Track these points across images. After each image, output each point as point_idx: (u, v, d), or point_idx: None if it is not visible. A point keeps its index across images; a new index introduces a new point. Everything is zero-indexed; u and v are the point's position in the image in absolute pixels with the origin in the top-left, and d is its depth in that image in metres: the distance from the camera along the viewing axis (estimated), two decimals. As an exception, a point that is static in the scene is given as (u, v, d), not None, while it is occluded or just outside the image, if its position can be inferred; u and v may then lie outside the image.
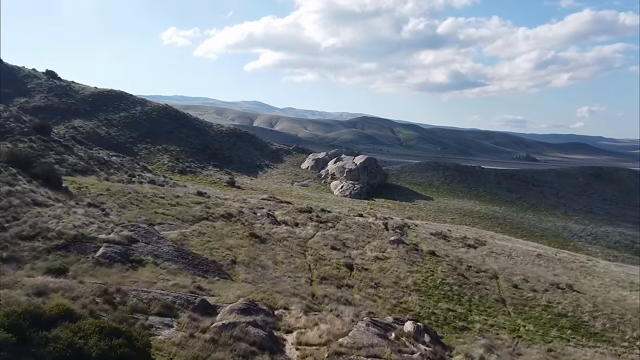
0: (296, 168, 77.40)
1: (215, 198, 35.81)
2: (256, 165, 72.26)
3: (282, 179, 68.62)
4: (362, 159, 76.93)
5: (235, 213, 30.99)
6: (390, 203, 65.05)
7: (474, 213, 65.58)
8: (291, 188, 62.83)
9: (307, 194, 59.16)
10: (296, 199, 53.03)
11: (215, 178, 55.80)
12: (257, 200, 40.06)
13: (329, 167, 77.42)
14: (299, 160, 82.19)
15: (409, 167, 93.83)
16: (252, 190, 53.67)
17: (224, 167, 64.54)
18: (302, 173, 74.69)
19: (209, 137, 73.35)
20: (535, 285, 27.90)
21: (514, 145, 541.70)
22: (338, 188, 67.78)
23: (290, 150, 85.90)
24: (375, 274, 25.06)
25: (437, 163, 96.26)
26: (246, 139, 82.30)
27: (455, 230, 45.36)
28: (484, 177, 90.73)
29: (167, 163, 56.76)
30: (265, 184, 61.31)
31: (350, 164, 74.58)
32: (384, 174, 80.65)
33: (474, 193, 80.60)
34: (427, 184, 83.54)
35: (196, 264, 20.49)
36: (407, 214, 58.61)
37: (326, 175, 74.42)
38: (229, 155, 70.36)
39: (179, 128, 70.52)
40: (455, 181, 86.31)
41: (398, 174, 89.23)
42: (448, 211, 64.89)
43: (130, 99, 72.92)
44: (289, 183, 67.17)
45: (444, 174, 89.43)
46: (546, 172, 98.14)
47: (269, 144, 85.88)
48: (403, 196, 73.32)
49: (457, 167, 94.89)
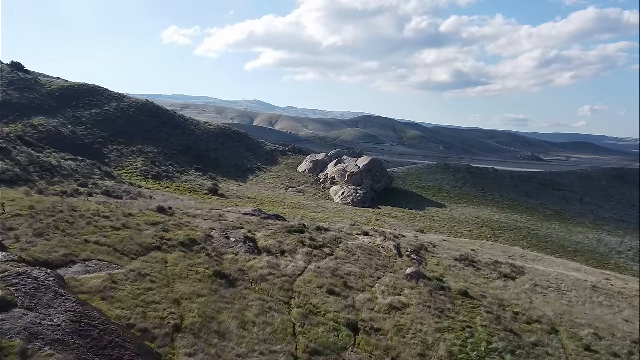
0: (292, 171, 69.55)
1: (181, 215, 27.92)
2: (247, 168, 64.40)
3: (275, 184, 60.78)
4: (365, 161, 69.03)
5: (201, 238, 23.07)
6: (399, 212, 57.13)
7: (494, 223, 57.63)
8: (285, 195, 54.97)
9: (302, 203, 51.34)
10: (289, 210, 45.21)
11: (195, 185, 48.01)
12: (237, 216, 32.15)
13: (328, 170, 69.58)
14: (296, 162, 74.38)
15: (416, 170, 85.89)
16: (237, 200, 45.86)
17: (208, 171, 56.72)
18: (299, 177, 66.81)
19: (194, 137, 65.50)
20: (612, 344, 20.01)
21: (517, 145, 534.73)
22: (339, 195, 59.88)
23: (286, 151, 78.02)
24: (391, 339, 17.14)
25: (447, 165, 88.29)
26: (237, 139, 74.44)
27: (481, 250, 37.45)
28: (499, 180, 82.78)
29: (141, 167, 48.97)
30: (255, 191, 53.51)
31: (352, 167, 66.67)
32: (389, 177, 72.74)
33: (489, 199, 72.65)
34: (437, 189, 75.62)
35: (103, 346, 12.61)
36: (419, 225, 50.73)
37: (325, 179, 66.55)
38: (215, 158, 62.51)
39: (160, 127, 62.71)
40: (467, 185, 78.37)
41: (405, 177, 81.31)
42: (464, 221, 56.95)
43: (106, 94, 65.17)
44: (283, 189, 59.32)
45: (455, 177, 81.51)
46: (565, 174, 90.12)
47: (262, 145, 78.02)
48: (412, 203, 65.42)
49: (469, 169, 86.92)
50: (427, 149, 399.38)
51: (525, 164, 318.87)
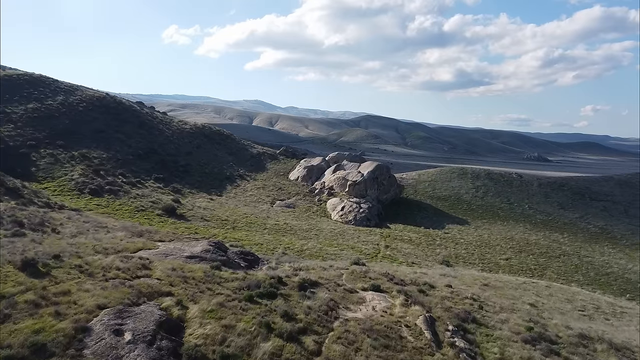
0: (282, 179, 57.74)
1: (67, 271, 16.07)
2: (225, 176, 52.55)
3: (259, 196, 48.96)
4: (370, 167, 57.15)
5: (60, 342, 11.29)
6: (413, 232, 45.26)
7: (532, 246, 45.78)
8: (268, 212, 43.14)
9: (290, 223, 39.53)
10: (270, 237, 33.40)
11: (147, 201, 36.23)
12: (175, 262, 20.09)
13: (325, 177, 57.77)
14: (287, 167, 62.62)
15: (428, 176, 74.00)
16: (199, 223, 34.02)
17: (173, 180, 44.97)
18: (289, 186, 54.94)
19: (162, 139, 53.68)
20: None
21: (522, 145, 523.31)
22: (337, 210, 48.01)
23: (275, 155, 66.07)
24: None
25: (464, 170, 76.37)
26: (217, 140, 62.62)
27: (541, 303, 25.66)
28: (526, 188, 70.86)
29: (77, 178, 37.18)
30: (230, 207, 41.73)
31: (354, 175, 54.82)
32: (398, 185, 60.84)
33: (518, 212, 60.75)
34: (455, 199, 63.76)
35: None
36: (441, 253, 38.90)
37: (322, 189, 54.70)
38: (186, 164, 50.68)
39: (118, 126, 50.92)
40: (490, 194, 66.49)
41: (415, 185, 69.47)
42: (495, 244, 45.09)
43: (53, 85, 53.46)
44: (268, 203, 47.46)
45: (474, 185, 69.64)
46: (602, 181, 78.05)
47: (248, 147, 66.12)
48: (427, 218, 53.57)
49: (489, 174, 75.02)
50: (431, 149, 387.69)
51: (534, 164, 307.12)
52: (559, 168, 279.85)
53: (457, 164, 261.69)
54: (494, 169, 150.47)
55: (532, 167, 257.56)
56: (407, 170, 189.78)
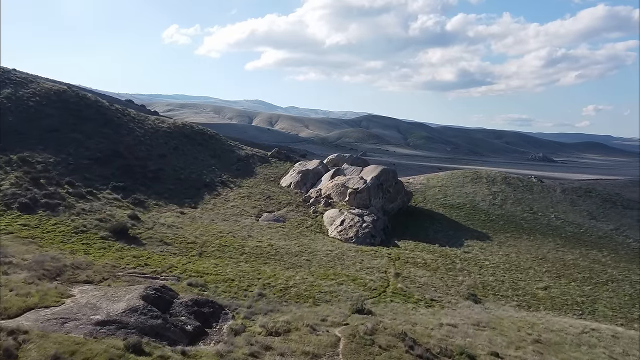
0: (272, 185, 49.93)
1: None
2: (205, 183, 44.73)
3: (242, 207, 41.11)
4: (374, 172, 49.24)
5: None
6: (427, 253, 37.40)
7: (571, 269, 37.92)
8: (252, 229, 35.29)
9: (276, 245, 31.70)
10: (247, 265, 25.61)
11: (94, 218, 28.43)
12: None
13: (322, 184, 49.93)
14: (279, 172, 54.80)
15: (438, 180, 66.13)
16: (157, 247, 26.20)
17: (137, 189, 37.17)
18: (280, 195, 47.08)
19: (130, 139, 45.87)
20: None
21: (525, 145, 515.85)
22: (336, 224, 40.14)
23: (267, 158, 58.16)
24: None
25: (477, 174, 68.46)
26: (199, 140, 54.80)
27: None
28: (548, 194, 62.98)
29: (7, 189, 29.41)
30: (204, 223, 33.92)
31: (355, 181, 46.94)
32: (406, 192, 52.94)
33: (544, 222, 52.85)
34: (471, 208, 55.90)
35: None
36: (465, 281, 31.08)
37: (318, 198, 46.85)
38: (157, 169, 42.87)
39: (77, 124, 43.15)
40: (509, 202, 58.62)
41: (424, 191, 61.61)
42: (527, 267, 37.21)
43: (3, 76, 45.75)
44: (252, 216, 39.59)
45: (491, 191, 61.78)
46: (630, 185, 70.07)
47: (235, 148, 58.25)
48: (441, 232, 45.73)
49: (506, 179, 67.11)
50: (434, 149, 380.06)
51: (540, 165, 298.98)
52: (566, 169, 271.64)
53: (461, 164, 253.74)
54: (509, 171, 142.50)
55: (539, 168, 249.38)
56: (410, 172, 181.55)
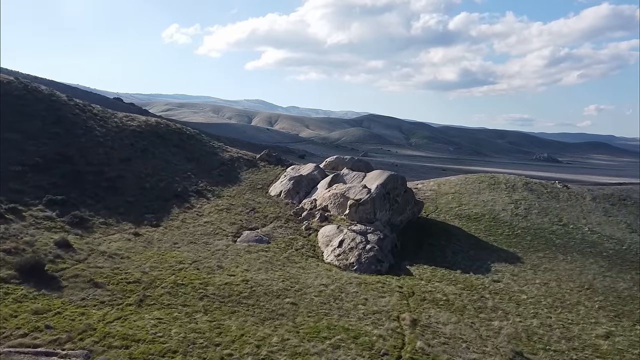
0: (258, 195, 42.20)
1: None
2: (175, 193, 36.98)
3: (218, 224, 33.34)
4: (379, 179, 41.40)
5: None
6: (448, 284, 29.63)
7: (628, 302, 30.14)
8: (224, 255, 27.53)
9: (253, 280, 23.97)
10: (205, 317, 17.73)
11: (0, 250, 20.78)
12: None
13: (318, 193, 42.18)
14: (268, 178, 47.08)
15: (450, 185, 58.33)
16: (74, 297, 18.45)
17: (84, 203, 29.49)
18: (267, 206, 39.30)
19: (86, 140, 38.14)
20: None
21: (529, 145, 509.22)
22: (333, 245, 32.36)
23: (254, 161, 50.32)
24: None
25: (495, 179, 60.57)
26: (175, 141, 47.08)
27: None
28: (577, 202, 55.14)
29: None
30: (162, 249, 26.25)
31: (357, 190, 39.11)
32: (416, 202, 45.09)
33: (577, 237, 45.03)
34: (491, 219, 48.12)
35: None
36: (503, 329, 23.37)
37: (312, 210, 39.07)
38: (116, 176, 35.15)
39: (16, 122, 35.43)
40: (534, 211, 50.83)
41: (436, 198, 53.85)
42: (575, 302, 29.43)
43: None
44: (230, 236, 31.83)
45: (512, 198, 53.96)
46: (667, 191, 62.16)
47: (219, 150, 50.44)
48: (460, 252, 37.94)
49: (528, 184, 59.25)
50: (436, 149, 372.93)
51: (546, 166, 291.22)
52: (574, 170, 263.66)
53: (465, 165, 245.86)
54: (516, 172, 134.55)
55: (546, 169, 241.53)
56: (413, 173, 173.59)
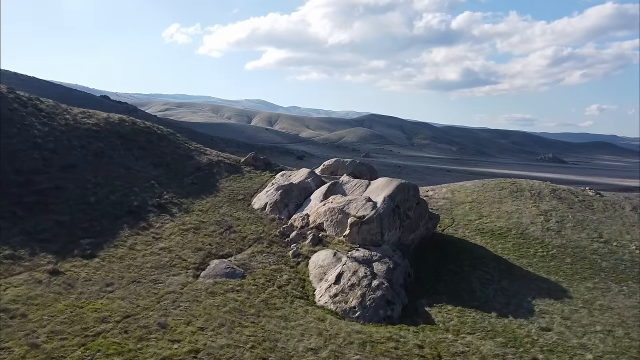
0: (238, 208, 34.42)
1: None
2: (129, 209, 29.19)
3: (177, 251, 25.57)
4: (386, 189, 33.52)
5: None
6: (483, 337, 21.88)
7: None
8: (175, 302, 19.84)
9: (205, 350, 16.26)
10: None
11: None
12: None
13: (311, 206, 34.36)
14: (252, 186, 39.31)
15: (466, 193, 50.47)
16: None
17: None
18: (247, 224, 31.49)
19: (18, 141, 30.37)
20: None
21: (532, 145, 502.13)
22: (328, 280, 24.53)
23: (238, 166, 42.49)
24: None
25: (517, 185, 52.66)
26: (141, 143, 39.28)
27: None
28: (615, 212, 47.25)
29: None
30: (84, 294, 18.59)
31: (360, 204, 31.24)
32: (431, 216, 37.18)
33: (626, 259, 37.08)
34: (519, 235, 40.28)
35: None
36: None
37: (303, 229, 31.26)
38: (49, 188, 27.41)
39: None
40: (568, 225, 42.97)
41: (451, 208, 46.07)
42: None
43: None
44: (190, 268, 24.02)
45: (539, 209, 46.12)
46: None
47: (195, 153, 42.59)
48: (491, 282, 30.14)
49: (555, 192, 51.36)
50: (439, 150, 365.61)
51: (553, 167, 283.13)
52: (583, 171, 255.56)
53: (470, 166, 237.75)
54: (523, 174, 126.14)
55: (553, 170, 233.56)
56: (417, 175, 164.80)
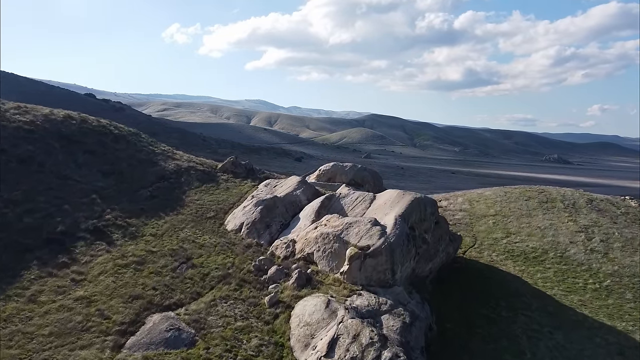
0: (205, 230, 26.72)
1: None
2: (51, 236, 21.57)
3: (100, 303, 17.94)
4: (397, 206, 25.75)
5: None
6: None
7: None
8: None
9: None
10: None
11: None
12: None
13: (300, 227, 26.56)
14: (228, 199, 31.56)
15: (486, 204, 42.62)
16: None
17: None
18: (211, 256, 23.77)
19: None
20: None
21: (536, 145, 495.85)
22: (318, 350, 16.85)
23: (213, 173, 34.61)
24: None
25: (547, 195, 44.79)
26: (89, 145, 31.48)
27: None
28: (667, 228, 39.42)
29: None
30: None
31: (363, 228, 23.48)
32: (452, 237, 29.37)
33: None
34: (558, 259, 32.50)
35: None
36: None
37: (286, 262, 23.52)
38: None
39: None
40: (616, 245, 35.18)
41: (472, 224, 38.30)
42: None
43: None
44: (110, 335, 16.35)
45: (578, 224, 38.32)
46: None
47: (160, 158, 34.72)
48: (542, 337, 22.42)
49: (592, 202, 43.48)
50: (442, 150, 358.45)
51: (559, 168, 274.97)
52: (591, 172, 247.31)
53: (475, 167, 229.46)
54: (530, 175, 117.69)
55: (561, 172, 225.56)
56: (422, 177, 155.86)
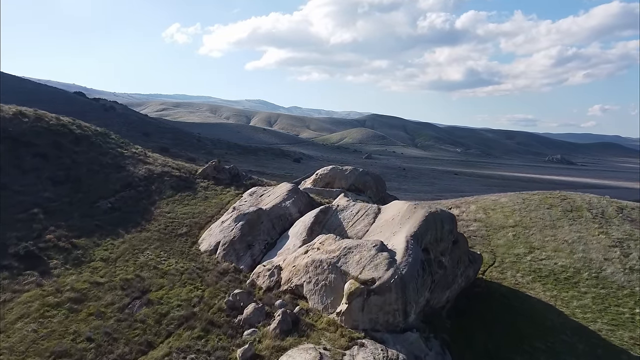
0: (170, 253, 22.01)
1: None
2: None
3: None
4: (408, 224, 20.94)
5: None
6: None
7: None
8: None
9: None
10: None
11: None
12: None
13: (287, 249, 21.78)
14: (203, 212, 26.73)
15: (503, 213, 37.73)
16: None
17: None
18: (176, 287, 18.96)
19: None
20: None
21: (538, 146, 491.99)
22: None
23: (191, 180, 29.77)
24: None
25: (572, 203, 39.88)
26: (41, 148, 26.70)
27: None
28: None
29: None
30: None
31: (365, 254, 18.65)
32: (472, 259, 24.56)
33: None
34: (594, 280, 27.66)
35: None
36: None
37: (269, 294, 18.69)
38: None
39: None
40: (658, 263, 30.30)
41: (488, 236, 33.47)
42: None
43: None
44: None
45: (610, 237, 33.44)
46: None
47: (129, 161, 29.85)
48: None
49: (622, 210, 38.56)
50: (443, 151, 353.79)
51: (564, 169, 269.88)
52: (596, 173, 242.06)
53: (478, 168, 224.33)
54: (535, 176, 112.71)
55: (566, 173, 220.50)
56: (425, 179, 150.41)
